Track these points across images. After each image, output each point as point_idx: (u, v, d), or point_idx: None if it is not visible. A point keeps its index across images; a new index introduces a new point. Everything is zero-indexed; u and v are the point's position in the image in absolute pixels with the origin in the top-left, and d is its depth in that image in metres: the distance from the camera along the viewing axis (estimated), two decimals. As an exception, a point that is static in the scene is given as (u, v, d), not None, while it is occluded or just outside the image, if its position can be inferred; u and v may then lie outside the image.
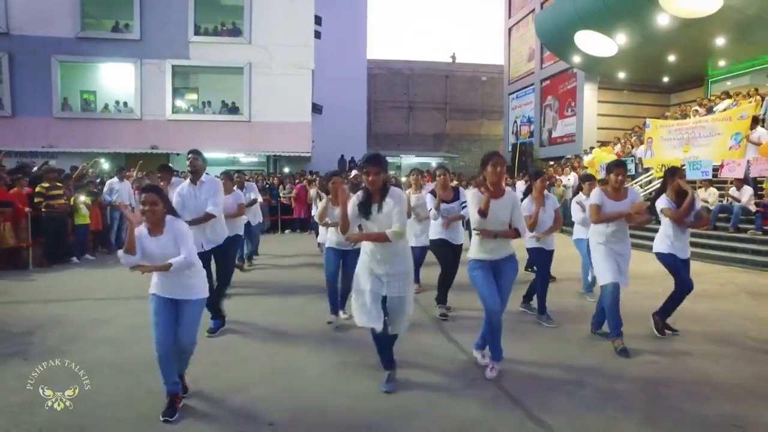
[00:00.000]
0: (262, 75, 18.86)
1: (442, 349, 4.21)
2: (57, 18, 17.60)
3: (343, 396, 3.26)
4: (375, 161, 3.16)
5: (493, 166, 3.55)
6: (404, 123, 32.27)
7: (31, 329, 4.56)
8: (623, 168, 4.33)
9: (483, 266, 3.67)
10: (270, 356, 4.01)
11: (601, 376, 3.64)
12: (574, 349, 4.22)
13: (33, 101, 17.70)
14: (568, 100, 18.87)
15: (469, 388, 3.44)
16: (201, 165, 4.56)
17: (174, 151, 19.15)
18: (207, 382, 3.45)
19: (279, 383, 3.49)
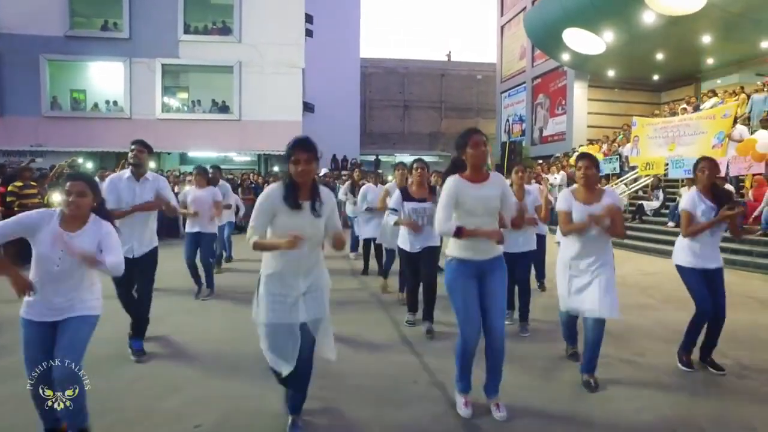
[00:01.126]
0: (253, 74, 18.81)
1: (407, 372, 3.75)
2: (45, 16, 17.55)
3: (275, 399, 3.21)
4: (307, 145, 2.53)
5: (474, 146, 2.86)
6: (399, 122, 32.23)
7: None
8: (590, 160, 3.36)
9: (465, 270, 2.94)
10: (207, 357, 3.97)
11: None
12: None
13: (21, 100, 17.66)
14: (559, 99, 18.82)
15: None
16: (147, 158, 4.09)
17: (164, 150, 19.10)
18: (138, 383, 3.41)
19: (212, 385, 3.45)
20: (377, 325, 4.93)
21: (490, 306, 2.94)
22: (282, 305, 2.60)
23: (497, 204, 2.97)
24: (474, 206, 2.90)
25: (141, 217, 4.02)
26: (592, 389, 3.34)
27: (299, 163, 2.49)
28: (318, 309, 2.68)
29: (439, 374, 3.61)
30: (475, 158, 2.89)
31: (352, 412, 3.12)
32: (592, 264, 3.31)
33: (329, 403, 3.19)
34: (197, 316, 5.31)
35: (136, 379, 3.54)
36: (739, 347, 4.21)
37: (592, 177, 3.33)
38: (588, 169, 3.32)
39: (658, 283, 6.88)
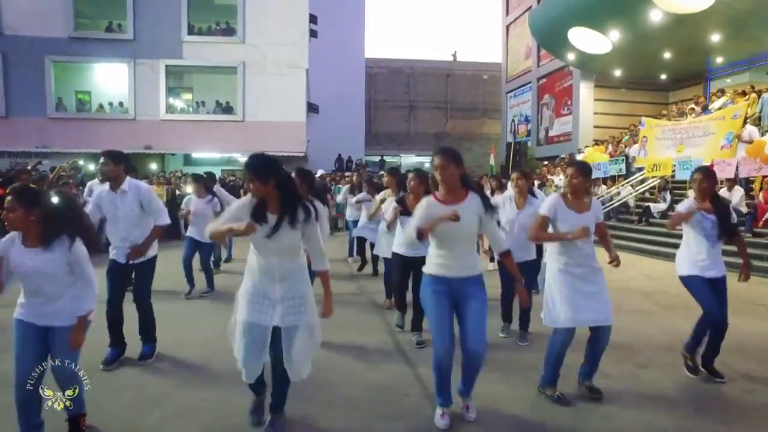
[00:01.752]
0: (256, 74, 18.79)
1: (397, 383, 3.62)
2: (50, 18, 17.63)
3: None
4: (251, 167, 2.53)
5: (436, 168, 2.81)
6: (405, 122, 32.12)
7: None
8: (577, 168, 3.26)
9: (438, 287, 2.88)
10: (194, 366, 3.88)
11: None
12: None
13: (27, 101, 17.76)
14: (565, 99, 18.61)
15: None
16: (114, 170, 3.81)
17: (168, 151, 19.17)
18: (123, 394, 3.32)
19: (195, 396, 3.35)
20: (372, 332, 4.82)
21: (467, 330, 2.87)
22: (258, 305, 2.63)
23: (470, 228, 2.84)
24: (445, 228, 2.77)
25: (127, 226, 3.90)
26: (596, 394, 3.28)
27: (251, 183, 2.54)
28: (294, 317, 2.64)
29: (432, 387, 3.48)
30: (441, 180, 2.82)
31: (339, 423, 3.01)
32: (589, 272, 3.22)
33: (316, 413, 3.07)
34: (187, 321, 5.22)
35: (120, 389, 3.44)
36: (747, 359, 4.05)
37: (578, 185, 3.23)
38: (574, 178, 3.22)
39: (663, 288, 6.68)
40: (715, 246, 3.60)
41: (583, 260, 3.21)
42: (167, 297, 5.89)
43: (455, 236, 2.82)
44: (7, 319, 4.83)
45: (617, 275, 6.93)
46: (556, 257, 3.28)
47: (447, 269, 2.87)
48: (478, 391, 3.11)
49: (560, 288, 3.21)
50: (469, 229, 2.85)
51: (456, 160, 2.82)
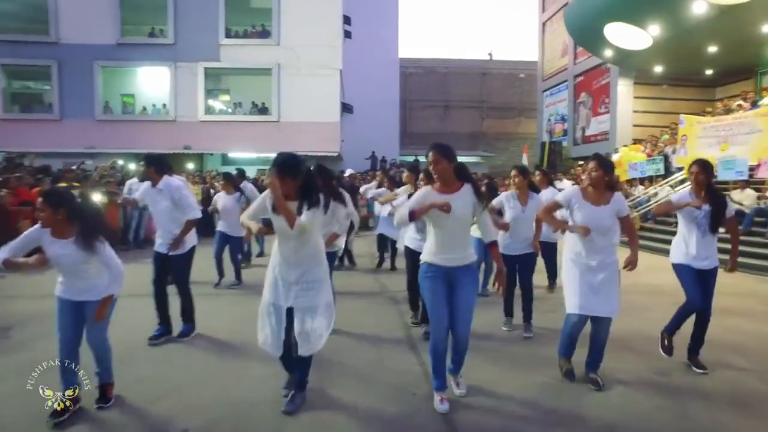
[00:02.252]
0: (291, 76, 19.11)
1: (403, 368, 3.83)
2: (99, 26, 18.51)
3: (267, 406, 3.18)
4: (276, 164, 2.90)
5: (430, 163, 3.07)
6: (440, 122, 31.95)
7: (13, 324, 4.77)
8: (598, 162, 3.38)
9: (435, 275, 3.12)
10: (214, 360, 4.00)
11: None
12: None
13: (78, 105, 18.69)
14: (602, 97, 18.07)
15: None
16: (146, 171, 4.35)
17: (206, 151, 19.76)
18: (137, 386, 3.47)
19: (210, 390, 3.45)
20: (386, 327, 4.85)
21: (457, 315, 3.13)
22: (276, 288, 3.01)
23: (462, 216, 3.06)
24: (435, 216, 3.04)
25: (164, 220, 4.42)
26: (600, 387, 3.40)
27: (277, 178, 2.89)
28: (307, 299, 2.96)
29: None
30: (434, 173, 3.11)
31: (351, 397, 3.23)
32: (601, 262, 3.37)
33: (320, 412, 3.13)
34: (215, 309, 5.38)
35: (137, 381, 3.55)
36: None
37: (596, 179, 3.39)
38: (594, 171, 3.39)
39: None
40: (705, 236, 3.70)
41: (595, 253, 3.36)
42: (196, 287, 6.08)
43: (448, 225, 3.05)
44: (40, 310, 5.17)
45: (652, 278, 6.75)
46: (570, 247, 3.51)
47: (441, 258, 3.11)
48: (482, 378, 3.50)
49: (569, 276, 3.46)
50: (461, 217, 3.07)
51: (447, 155, 3.08)
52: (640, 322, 4.90)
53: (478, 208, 3.11)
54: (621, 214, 3.41)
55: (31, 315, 5.09)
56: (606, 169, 3.40)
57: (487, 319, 4.87)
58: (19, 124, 18.30)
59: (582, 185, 3.57)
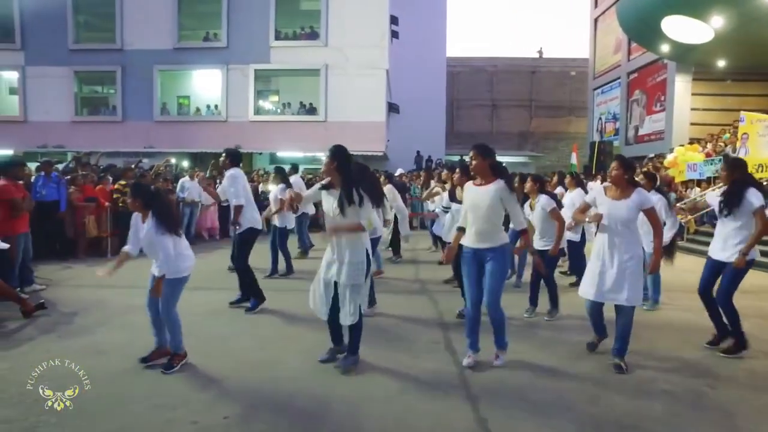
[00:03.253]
0: (338, 76, 19.40)
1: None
2: (159, 32, 19.49)
3: (313, 393, 3.32)
4: (329, 153, 3.60)
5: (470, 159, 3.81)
6: (487, 121, 31.56)
7: (76, 311, 5.17)
8: (618, 161, 3.82)
9: (466, 255, 3.77)
10: (251, 354, 4.19)
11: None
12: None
13: (138, 107, 19.76)
14: (658, 94, 17.30)
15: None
16: (226, 164, 5.46)
17: (256, 150, 20.38)
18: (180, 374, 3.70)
19: (260, 375, 3.64)
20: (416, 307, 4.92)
21: (485, 290, 3.73)
22: (326, 265, 3.69)
23: (491, 205, 3.65)
24: (470, 205, 3.79)
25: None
26: (621, 371, 3.69)
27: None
28: (348, 277, 3.57)
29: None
30: (472, 169, 3.84)
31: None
32: (620, 252, 3.69)
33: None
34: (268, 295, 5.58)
35: (181, 368, 3.74)
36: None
37: (615, 177, 3.78)
38: (614, 170, 3.79)
39: (761, 303, 5.87)
40: (725, 226, 4.06)
41: (614, 243, 3.71)
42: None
43: (478, 213, 3.69)
44: (101, 299, 5.57)
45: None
46: (596, 238, 3.93)
47: (473, 241, 3.73)
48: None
49: (590, 264, 3.89)
50: (487, 207, 3.65)
51: (482, 153, 3.73)
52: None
53: (508, 199, 3.64)
54: (643, 206, 3.71)
55: (93, 303, 5.50)
56: (625, 168, 3.79)
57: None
58: (87, 125, 19.57)
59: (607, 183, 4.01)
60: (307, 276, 6.93)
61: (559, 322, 5.07)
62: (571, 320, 5.03)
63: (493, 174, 3.73)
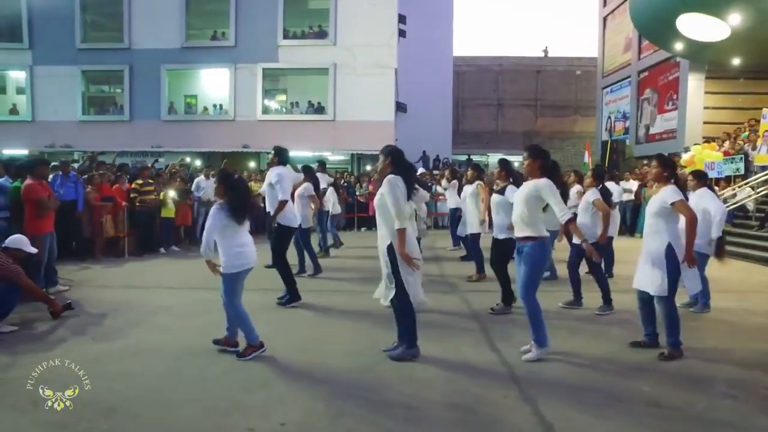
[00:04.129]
0: (347, 75, 19.27)
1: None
2: (167, 31, 19.33)
3: (355, 404, 3.22)
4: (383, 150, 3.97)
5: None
6: (492, 120, 31.47)
7: (106, 312, 5.07)
8: (658, 160, 4.07)
9: (516, 247, 4.05)
10: (293, 354, 4.09)
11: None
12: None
13: (146, 106, 19.62)
14: (670, 93, 17.19)
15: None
16: (271, 161, 5.80)
17: (264, 149, 20.22)
18: (227, 376, 3.60)
19: (297, 383, 3.52)
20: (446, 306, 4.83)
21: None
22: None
23: (525, 199, 3.88)
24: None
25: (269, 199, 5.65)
26: (663, 358, 3.87)
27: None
28: (385, 267, 3.80)
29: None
30: (524, 169, 4.06)
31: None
32: (648, 243, 3.98)
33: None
34: (286, 311, 5.50)
35: (226, 371, 3.66)
36: None
37: (655, 175, 4.05)
38: (654, 168, 4.03)
39: None
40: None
41: (646, 235, 4.01)
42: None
43: (516, 207, 3.99)
44: (129, 299, 5.48)
45: (734, 285, 6.37)
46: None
47: (514, 232, 4.05)
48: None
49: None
50: (521, 201, 3.90)
51: (531, 154, 3.94)
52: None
53: (547, 195, 3.78)
54: (665, 203, 3.87)
55: (120, 304, 5.40)
56: (664, 166, 3.99)
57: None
58: (94, 125, 19.47)
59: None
60: (335, 275, 7.18)
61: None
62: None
63: (542, 173, 3.89)
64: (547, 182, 3.78)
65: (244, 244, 3.88)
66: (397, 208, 3.59)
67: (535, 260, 3.83)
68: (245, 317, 3.85)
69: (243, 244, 3.87)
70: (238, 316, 3.84)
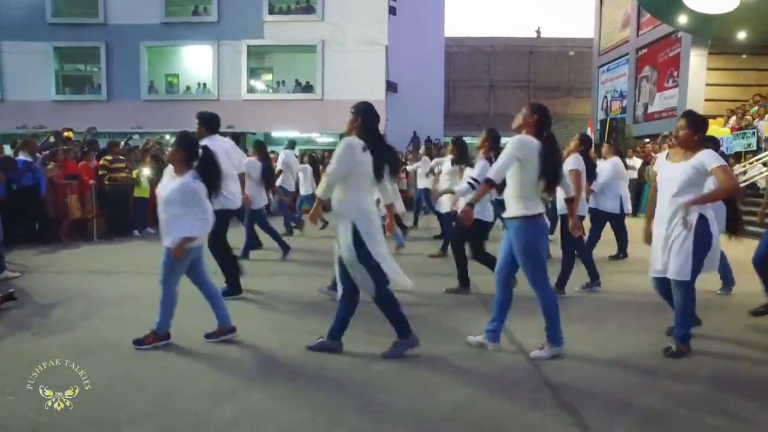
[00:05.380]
0: (335, 52, 18.53)
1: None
2: (146, 6, 18.38)
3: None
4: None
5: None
6: (484, 102, 30.96)
7: (56, 302, 4.38)
8: (688, 119, 3.25)
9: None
10: (264, 354, 3.45)
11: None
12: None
13: (125, 86, 18.74)
14: (670, 70, 16.63)
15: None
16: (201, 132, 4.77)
17: (249, 130, 19.46)
18: (192, 382, 2.95)
19: (267, 390, 2.90)
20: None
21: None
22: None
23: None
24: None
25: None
26: (667, 352, 3.29)
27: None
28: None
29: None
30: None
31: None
32: (669, 221, 3.23)
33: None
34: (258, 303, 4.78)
35: (189, 376, 3.03)
36: None
37: (684, 138, 3.24)
38: (682, 129, 3.24)
39: None
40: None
41: (664, 211, 3.25)
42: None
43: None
44: (87, 288, 4.79)
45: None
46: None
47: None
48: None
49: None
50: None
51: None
52: None
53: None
54: (704, 167, 3.13)
55: (76, 292, 4.72)
56: (696, 128, 3.22)
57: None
58: (70, 105, 18.46)
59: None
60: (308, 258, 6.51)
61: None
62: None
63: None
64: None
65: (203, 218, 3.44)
66: (331, 178, 3.07)
67: (522, 238, 3.27)
68: (172, 303, 3.38)
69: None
70: (168, 297, 3.37)
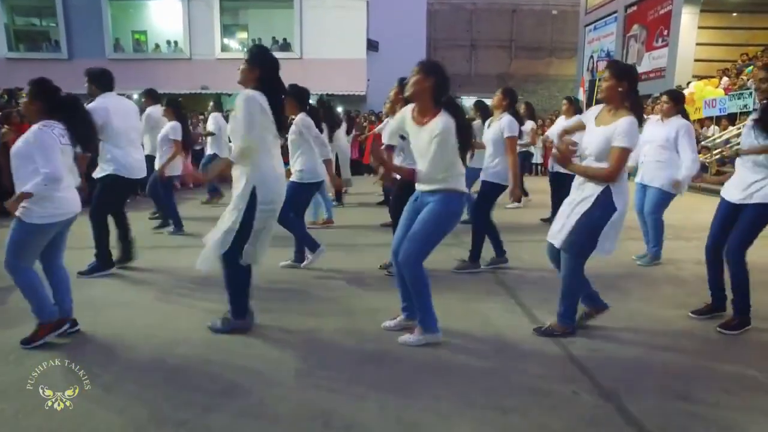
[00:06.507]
0: (314, 8, 17.60)
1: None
2: (105, -47, 17.00)
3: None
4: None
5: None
6: (466, 63, 30.21)
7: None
8: (611, 69, 2.80)
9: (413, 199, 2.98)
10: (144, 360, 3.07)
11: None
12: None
13: (87, 43, 17.54)
14: (660, 28, 16.24)
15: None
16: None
17: (224, 91, 18.55)
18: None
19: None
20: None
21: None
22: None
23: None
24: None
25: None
26: (538, 332, 2.98)
27: None
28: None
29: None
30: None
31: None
32: (576, 189, 2.86)
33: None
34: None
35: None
36: None
37: (607, 90, 2.74)
38: (605, 81, 2.76)
39: None
40: (746, 163, 2.99)
41: (578, 183, 2.86)
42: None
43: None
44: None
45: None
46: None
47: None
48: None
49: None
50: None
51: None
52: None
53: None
54: (612, 142, 2.64)
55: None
56: (618, 77, 2.70)
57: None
58: (25, 63, 17.14)
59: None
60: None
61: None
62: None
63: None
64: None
65: (70, 188, 2.91)
66: (245, 139, 2.72)
67: (438, 209, 2.88)
68: (34, 288, 2.77)
69: (69, 187, 2.90)
70: (26, 284, 2.76)
